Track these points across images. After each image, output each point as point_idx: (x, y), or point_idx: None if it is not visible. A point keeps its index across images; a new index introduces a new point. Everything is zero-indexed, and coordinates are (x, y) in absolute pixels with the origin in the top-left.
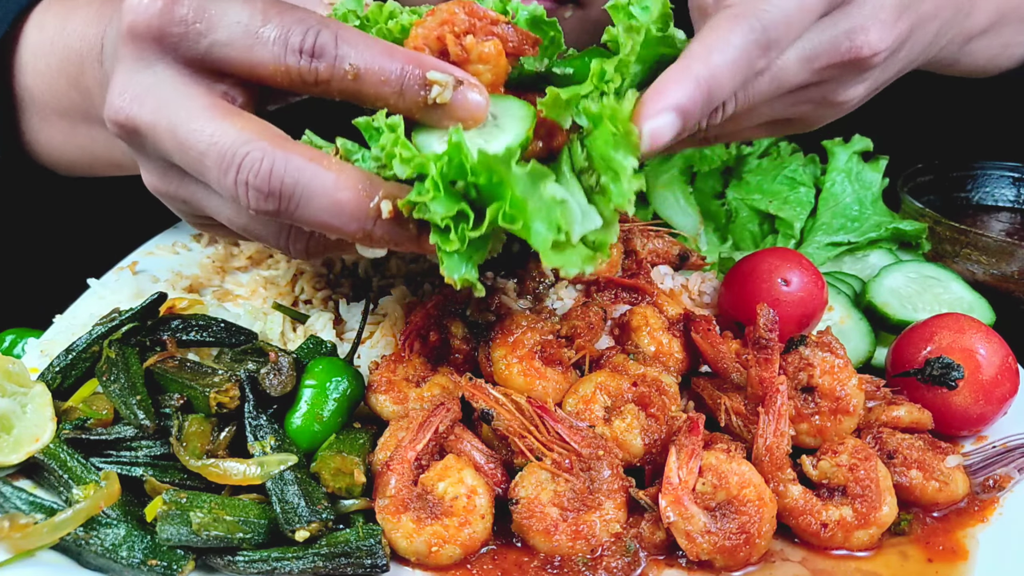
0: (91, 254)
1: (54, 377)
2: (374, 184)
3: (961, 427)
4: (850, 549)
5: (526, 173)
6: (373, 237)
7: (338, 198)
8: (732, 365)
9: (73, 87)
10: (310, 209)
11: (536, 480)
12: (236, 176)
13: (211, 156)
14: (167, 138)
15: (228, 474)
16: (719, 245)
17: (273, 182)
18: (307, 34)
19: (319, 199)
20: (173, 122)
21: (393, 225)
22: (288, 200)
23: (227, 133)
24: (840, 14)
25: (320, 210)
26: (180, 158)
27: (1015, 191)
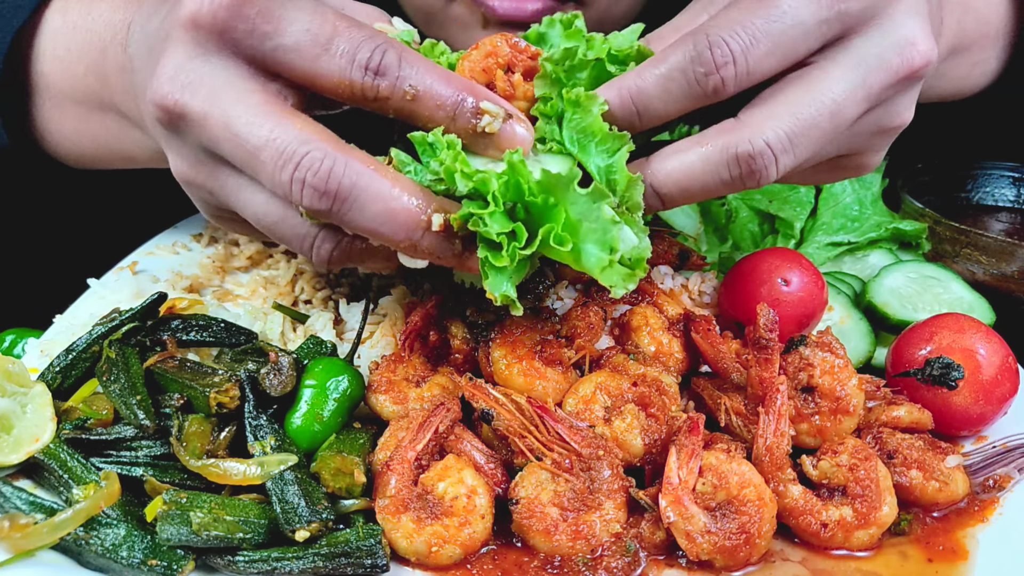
0: (91, 254)
1: (54, 377)
2: (427, 196)
3: (961, 427)
4: (850, 549)
5: (587, 194)
6: (419, 248)
7: (392, 206)
8: (732, 365)
9: (91, 72)
10: (364, 213)
11: (536, 480)
12: (294, 173)
13: (268, 151)
14: (218, 128)
15: (228, 474)
16: (719, 245)
17: (331, 182)
18: (375, 52)
19: (374, 204)
20: (228, 114)
21: (440, 239)
22: (343, 201)
23: (288, 131)
24: (875, 32)
25: (373, 215)
26: (229, 149)
27: (1015, 191)
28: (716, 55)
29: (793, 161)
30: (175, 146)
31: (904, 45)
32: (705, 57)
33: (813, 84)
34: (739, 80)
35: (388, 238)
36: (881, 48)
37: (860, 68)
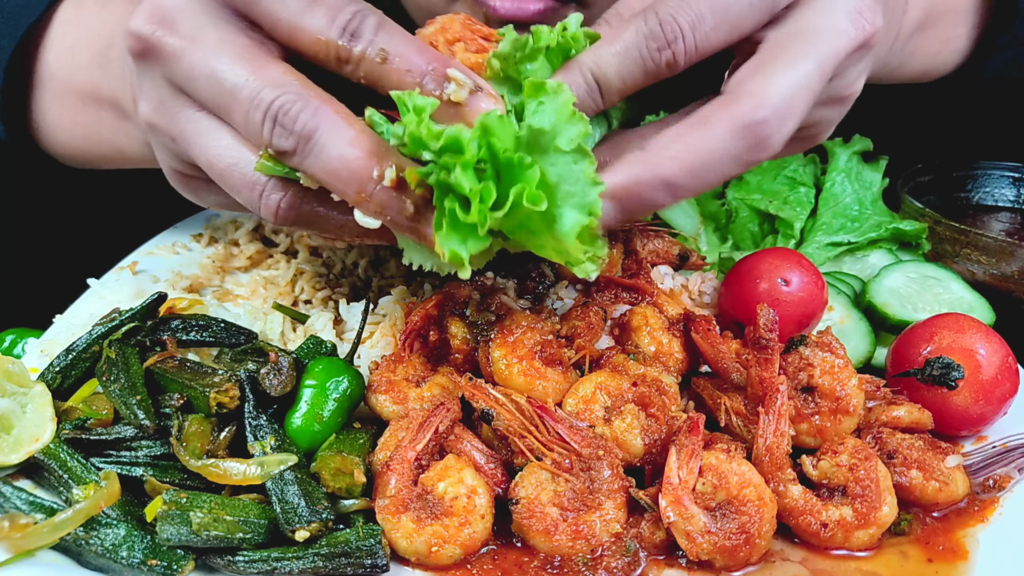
0: (91, 254)
1: (54, 377)
2: (387, 152)
3: (961, 427)
4: (850, 549)
5: (569, 151)
6: (371, 203)
7: (348, 154)
8: (732, 365)
9: (94, 61)
10: (321, 157)
11: (536, 480)
12: (267, 111)
13: (246, 91)
14: (196, 66)
15: (228, 474)
16: (719, 245)
17: (299, 123)
18: (355, 15)
19: (332, 149)
20: (209, 54)
21: (392, 195)
22: (306, 142)
23: (268, 74)
24: (819, 3)
25: (329, 159)
26: (204, 87)
27: (1015, 191)
28: (667, 31)
29: (795, 125)
30: (145, 83)
31: (853, 13)
32: (656, 33)
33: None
34: (689, 55)
35: (340, 188)
36: (833, 18)
37: (822, 37)
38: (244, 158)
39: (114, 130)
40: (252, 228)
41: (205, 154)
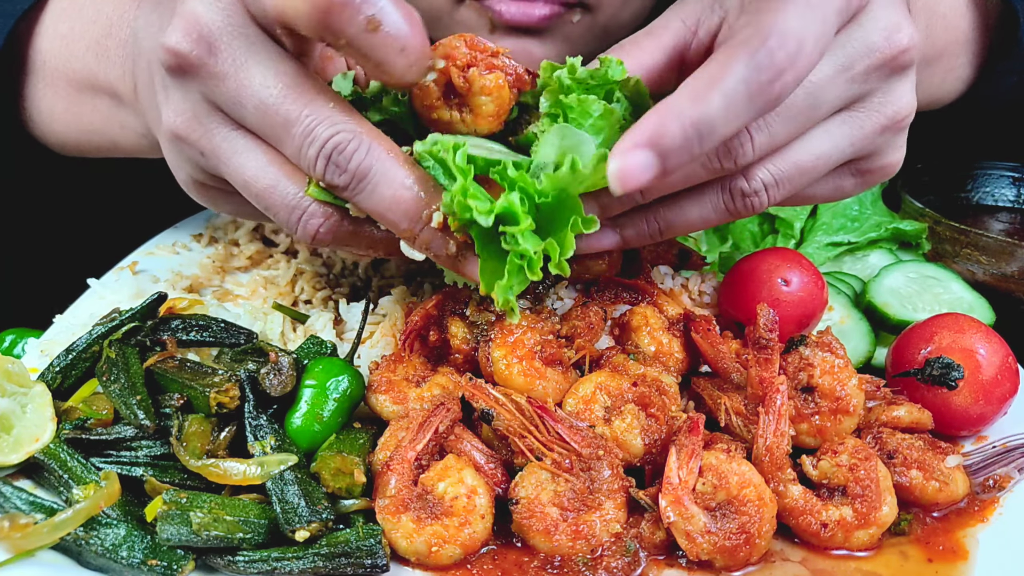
0: (91, 254)
1: (54, 377)
2: (435, 194)
3: (961, 427)
4: (850, 549)
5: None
6: (417, 240)
7: (401, 194)
8: (732, 365)
9: (91, 50)
10: (374, 196)
11: (536, 480)
12: (321, 150)
13: (300, 127)
14: (244, 93)
15: (228, 474)
16: (719, 245)
17: (353, 162)
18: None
19: (385, 189)
20: (257, 83)
21: (437, 236)
22: (360, 181)
23: (320, 110)
24: (865, 18)
25: (382, 199)
26: (251, 114)
27: (1015, 191)
28: (779, 59)
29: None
30: (175, 97)
31: (891, 30)
32: (766, 64)
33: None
34: (797, 81)
35: (392, 223)
36: (866, 32)
37: (842, 52)
38: (284, 181)
39: (108, 119)
40: (252, 228)
41: (240, 173)
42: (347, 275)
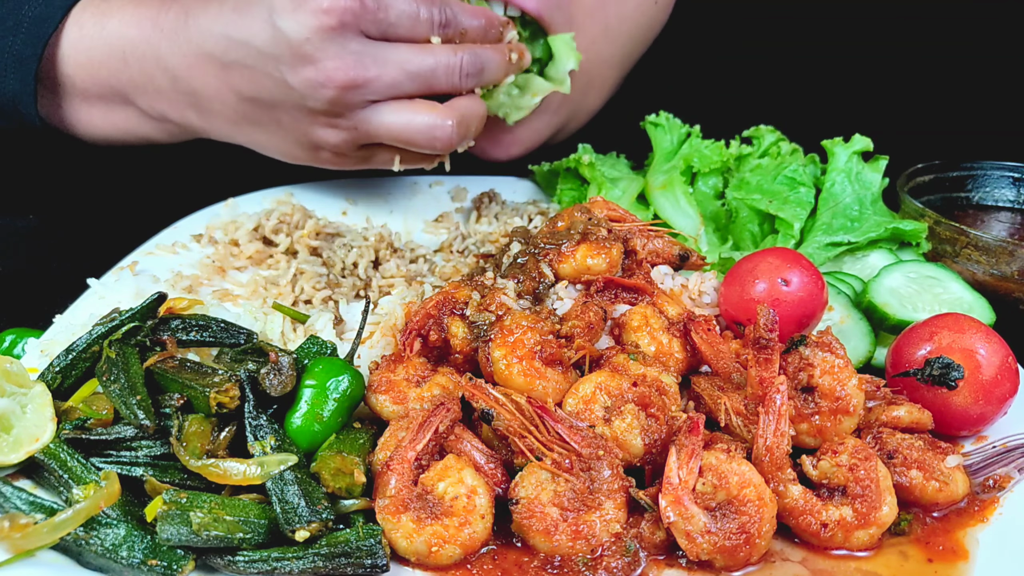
0: (91, 254)
1: (54, 377)
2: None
3: (961, 427)
4: (850, 549)
5: None
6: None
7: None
8: (732, 365)
9: (114, 76)
10: (492, 69)
11: (536, 480)
12: (460, 72)
13: (441, 69)
14: (396, 75)
15: (228, 474)
16: (719, 245)
17: (477, 67)
18: (442, 11)
19: (495, 62)
20: (398, 64)
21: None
22: (480, 73)
23: (441, 52)
24: None
25: (496, 67)
26: (409, 84)
27: (1015, 191)
28: None
29: None
30: (332, 113)
31: None
32: None
33: None
34: None
35: (497, 77)
36: None
37: None
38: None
39: (140, 126)
40: (252, 228)
41: (390, 120)
42: (347, 275)
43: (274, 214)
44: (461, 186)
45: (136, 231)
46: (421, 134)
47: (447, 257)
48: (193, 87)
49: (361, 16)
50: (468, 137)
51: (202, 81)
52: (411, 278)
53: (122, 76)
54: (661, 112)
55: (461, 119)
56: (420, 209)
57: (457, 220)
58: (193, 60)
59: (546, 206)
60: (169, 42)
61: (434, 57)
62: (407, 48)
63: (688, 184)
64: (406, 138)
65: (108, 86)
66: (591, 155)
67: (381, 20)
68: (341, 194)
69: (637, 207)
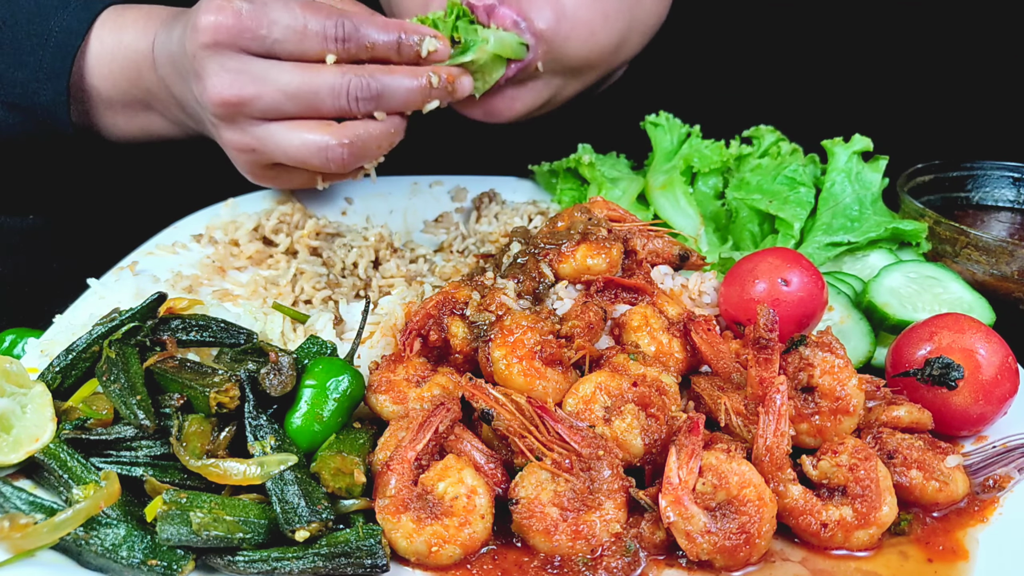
0: (91, 254)
1: (54, 377)
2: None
3: (961, 427)
4: (850, 549)
5: None
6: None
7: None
8: (732, 365)
9: (134, 86)
10: (394, 97)
11: (536, 480)
12: (347, 96)
13: (325, 91)
14: (275, 96)
15: (228, 474)
16: (719, 245)
17: (372, 91)
18: (338, 26)
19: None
20: (279, 84)
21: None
22: (378, 98)
23: (326, 74)
24: None
25: (399, 96)
26: (289, 106)
27: (1015, 191)
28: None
29: None
30: (230, 128)
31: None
32: None
33: None
34: None
35: (407, 103)
36: None
37: None
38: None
39: (163, 127)
40: (252, 228)
41: (283, 144)
42: (347, 275)
43: (274, 214)
44: (461, 186)
45: (136, 231)
46: (313, 155)
47: (447, 257)
48: (175, 95)
49: (238, 34)
50: (368, 158)
51: (178, 90)
52: (411, 278)
53: (139, 86)
54: (661, 112)
55: (355, 139)
56: (420, 209)
57: (457, 220)
58: (168, 71)
59: (546, 206)
60: (160, 51)
61: (318, 78)
62: (290, 67)
63: (688, 184)
64: (300, 158)
65: (129, 95)
66: (591, 155)
67: (263, 37)
68: (341, 194)
69: (637, 207)
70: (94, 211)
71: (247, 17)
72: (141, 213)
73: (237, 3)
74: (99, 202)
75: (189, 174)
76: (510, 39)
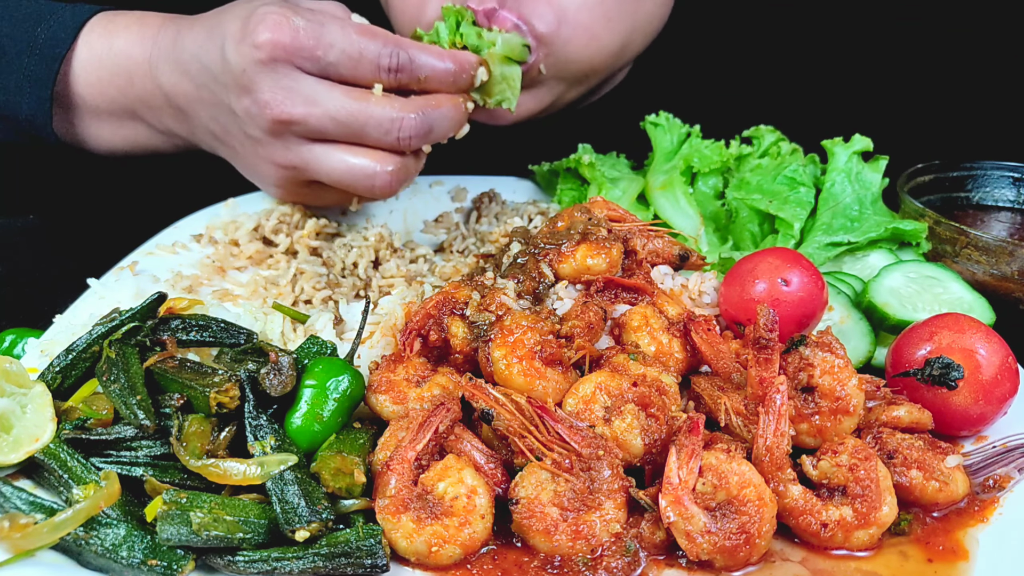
0: (91, 254)
1: (54, 377)
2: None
3: (961, 427)
4: (850, 549)
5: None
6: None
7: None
8: (732, 365)
9: (122, 93)
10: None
11: (536, 480)
12: (398, 134)
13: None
14: (323, 120)
15: (228, 474)
16: (719, 245)
17: (424, 128)
18: (391, 56)
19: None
20: (329, 108)
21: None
22: (428, 134)
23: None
24: None
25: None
26: (335, 130)
27: (1015, 191)
28: None
29: None
30: (275, 144)
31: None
32: None
33: None
34: None
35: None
36: None
37: None
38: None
39: (149, 139)
40: (252, 228)
41: (327, 167)
42: (347, 275)
43: (274, 214)
44: (461, 186)
45: (136, 231)
46: (359, 181)
47: (447, 257)
48: (179, 104)
49: (295, 53)
50: (408, 183)
51: (184, 100)
52: (411, 278)
53: (129, 93)
54: (661, 112)
55: (400, 168)
56: (420, 209)
57: (457, 220)
58: (177, 79)
59: (546, 206)
60: (161, 60)
61: (370, 109)
62: (341, 92)
63: (688, 184)
64: (346, 183)
65: (117, 103)
66: (591, 155)
67: (319, 58)
68: None
69: (637, 207)
70: (94, 211)
71: (304, 36)
72: (141, 213)
73: (295, 20)
74: (99, 202)
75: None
76: (514, 40)
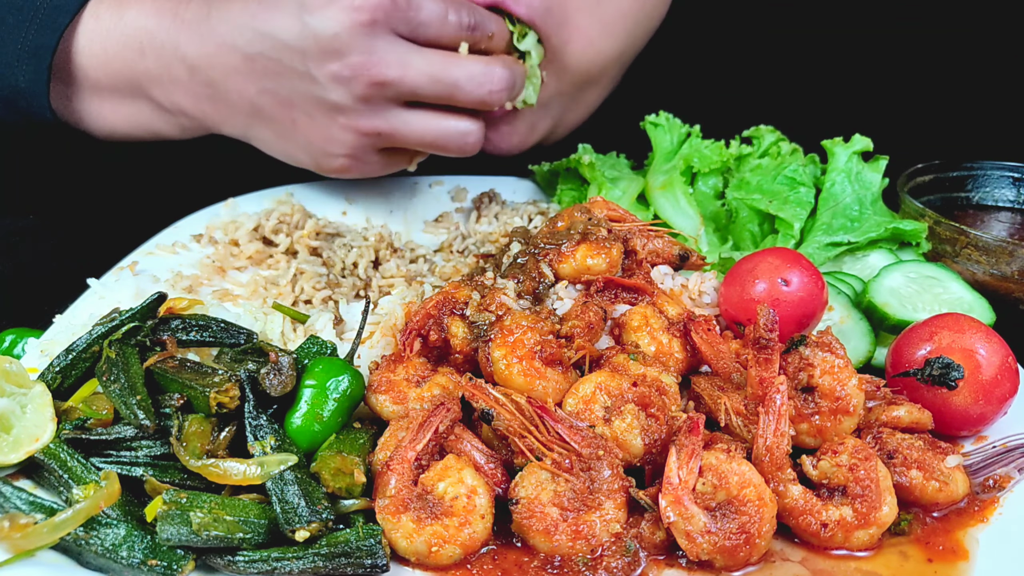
0: (91, 254)
1: (54, 377)
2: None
3: (961, 427)
4: (850, 549)
5: None
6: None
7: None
8: (732, 365)
9: (128, 67)
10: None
11: (536, 480)
12: (489, 88)
13: (465, 81)
14: (419, 79)
15: (228, 474)
16: (719, 245)
17: (509, 83)
18: (469, 15)
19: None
20: (423, 69)
21: None
22: (513, 88)
23: (468, 65)
24: None
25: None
26: (430, 89)
27: (1015, 191)
28: None
29: None
30: (364, 110)
31: None
32: None
33: None
34: None
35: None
36: None
37: None
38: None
39: (152, 119)
40: (252, 228)
41: (413, 127)
42: (347, 275)
43: (274, 214)
44: (461, 186)
45: (136, 231)
46: (452, 141)
47: (447, 257)
48: (212, 78)
49: (392, 14)
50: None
51: (222, 72)
52: (411, 278)
53: (137, 67)
54: (661, 112)
55: (483, 128)
56: (420, 209)
57: (457, 220)
58: (214, 50)
59: (546, 206)
60: (190, 33)
61: (461, 65)
62: (435, 54)
63: (688, 184)
64: (439, 144)
65: (122, 77)
66: (591, 155)
67: (411, 19)
68: (341, 194)
69: (637, 207)
70: (94, 211)
71: (402, 0)
72: (141, 213)
73: None
74: (99, 202)
75: (189, 174)
76: (532, 38)
